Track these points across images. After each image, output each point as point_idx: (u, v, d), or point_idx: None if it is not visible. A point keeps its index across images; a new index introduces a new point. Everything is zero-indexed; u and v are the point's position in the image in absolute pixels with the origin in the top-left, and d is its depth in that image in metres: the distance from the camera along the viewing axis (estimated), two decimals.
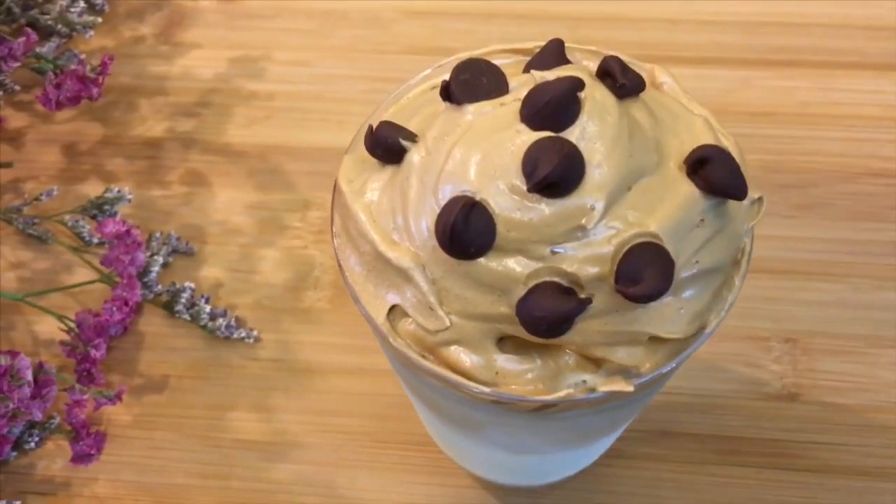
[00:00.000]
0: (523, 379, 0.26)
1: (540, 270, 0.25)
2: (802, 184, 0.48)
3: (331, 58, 0.53)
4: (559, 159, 0.24)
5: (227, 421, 0.43)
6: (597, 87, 0.26)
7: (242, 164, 0.50)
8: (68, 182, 0.50)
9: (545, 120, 0.25)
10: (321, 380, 0.44)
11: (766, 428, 0.42)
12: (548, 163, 0.24)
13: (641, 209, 0.25)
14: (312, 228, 0.48)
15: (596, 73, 0.27)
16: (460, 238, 0.25)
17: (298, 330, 0.45)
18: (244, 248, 0.47)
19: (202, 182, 0.50)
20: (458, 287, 0.26)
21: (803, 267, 0.46)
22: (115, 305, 0.41)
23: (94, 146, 0.51)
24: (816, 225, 0.47)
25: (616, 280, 0.25)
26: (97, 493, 0.42)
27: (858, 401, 0.42)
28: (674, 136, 0.27)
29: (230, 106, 0.52)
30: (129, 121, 0.52)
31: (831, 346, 0.44)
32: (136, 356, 0.45)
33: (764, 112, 0.50)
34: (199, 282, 0.46)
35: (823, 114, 0.50)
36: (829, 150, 0.49)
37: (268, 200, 0.49)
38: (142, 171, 0.50)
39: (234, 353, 0.44)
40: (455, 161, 0.25)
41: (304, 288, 0.46)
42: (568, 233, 0.25)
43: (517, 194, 0.25)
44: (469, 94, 0.26)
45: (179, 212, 0.49)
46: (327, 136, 0.51)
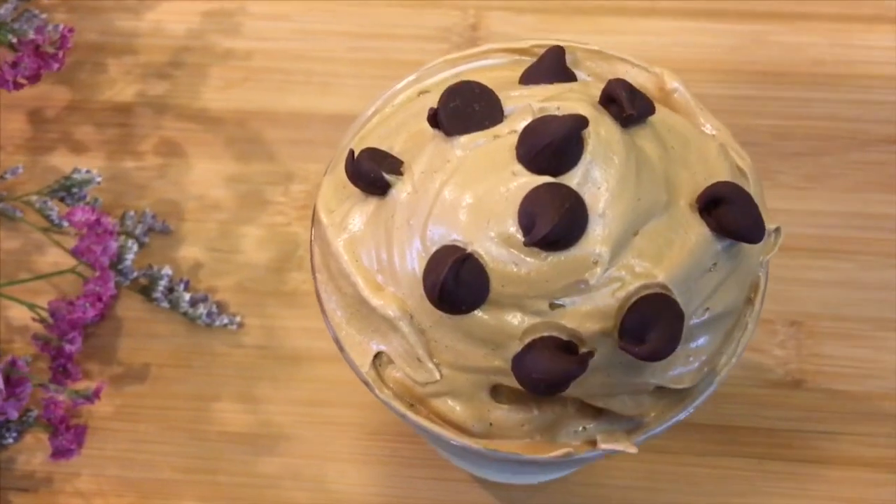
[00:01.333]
0: (519, 430, 0.25)
1: (537, 325, 0.23)
2: (814, 151, 0.45)
3: (312, 10, 0.50)
4: (560, 216, 0.21)
5: (212, 412, 0.41)
6: (601, 122, 0.23)
7: (220, 131, 0.47)
8: (35, 153, 0.47)
9: (544, 163, 0.22)
10: (309, 368, 0.42)
11: (767, 417, 0.40)
12: (547, 219, 0.21)
13: (649, 257, 0.23)
14: (296, 203, 0.45)
15: (600, 99, 0.24)
16: (451, 296, 0.22)
17: (283, 314, 0.43)
18: (224, 225, 0.45)
19: (177, 152, 0.47)
20: (449, 339, 0.24)
21: (811, 243, 0.44)
22: (89, 301, 0.39)
23: (61, 112, 0.48)
24: (827, 197, 0.44)
25: (620, 336, 0.23)
26: (80, 488, 0.41)
27: (864, 388, 0.41)
28: (685, 167, 0.24)
29: (205, 66, 0.48)
30: (96, 83, 0.48)
31: (838, 330, 0.42)
32: (114, 343, 0.43)
33: (775, 72, 0.47)
34: (177, 263, 0.44)
35: (838, 74, 0.47)
36: (843, 115, 0.46)
37: (248, 172, 0.46)
38: (113, 140, 0.47)
39: (216, 340, 0.43)
40: (444, 203, 0.23)
41: (288, 269, 0.44)
42: (568, 287, 0.22)
43: (513, 246, 0.22)
44: (460, 124, 0.24)
45: (154, 185, 0.46)
46: (310, 100, 0.47)
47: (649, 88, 0.28)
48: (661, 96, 0.27)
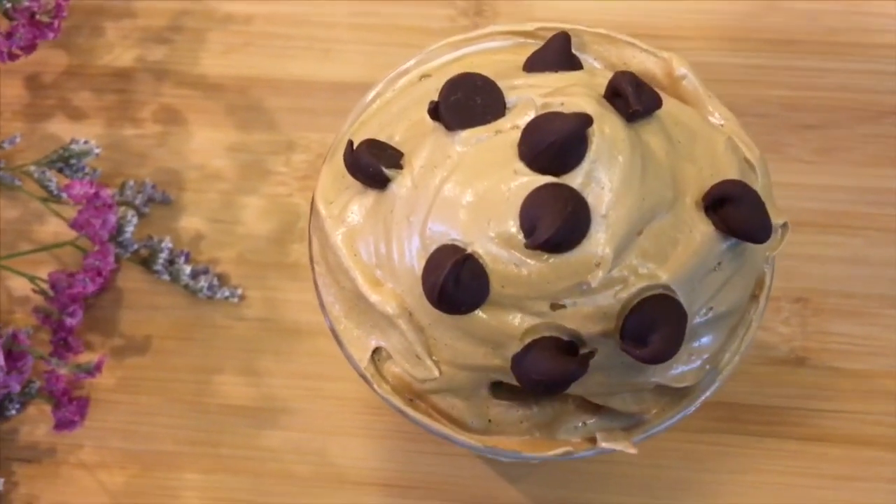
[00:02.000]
0: (518, 427, 0.25)
1: (538, 326, 0.23)
2: (825, 124, 0.44)
3: None
4: (562, 220, 0.21)
5: (214, 385, 0.41)
6: (606, 119, 0.22)
7: (220, 98, 0.46)
8: (33, 119, 0.46)
9: (547, 163, 0.22)
10: (311, 341, 0.42)
11: (769, 395, 0.40)
12: (550, 222, 0.21)
13: (652, 256, 0.22)
14: (297, 174, 0.45)
15: (605, 93, 0.23)
16: (451, 297, 0.22)
17: (285, 287, 0.43)
18: (225, 195, 0.44)
19: (177, 120, 0.46)
20: (448, 337, 0.23)
21: (820, 218, 0.43)
22: (89, 276, 0.38)
23: (59, 78, 0.47)
24: (836, 171, 0.44)
25: (622, 337, 0.22)
26: (83, 460, 0.41)
27: (868, 366, 0.41)
28: (691, 162, 0.24)
29: (204, 31, 0.47)
30: (94, 48, 0.47)
31: (844, 307, 0.41)
32: (115, 315, 0.43)
33: (788, 40, 0.46)
34: (177, 233, 0.44)
35: (852, 42, 0.46)
36: (855, 86, 0.45)
37: (249, 141, 0.45)
38: (111, 106, 0.46)
39: (218, 313, 0.42)
40: (444, 200, 0.23)
41: (289, 241, 0.44)
42: (570, 289, 0.22)
43: (513, 247, 0.22)
44: (461, 119, 0.23)
45: (154, 154, 0.45)
46: (312, 67, 0.46)
47: (657, 74, 0.27)
48: (669, 82, 0.27)
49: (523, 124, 0.22)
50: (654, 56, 0.27)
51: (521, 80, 0.24)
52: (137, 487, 0.41)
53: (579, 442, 0.24)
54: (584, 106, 0.22)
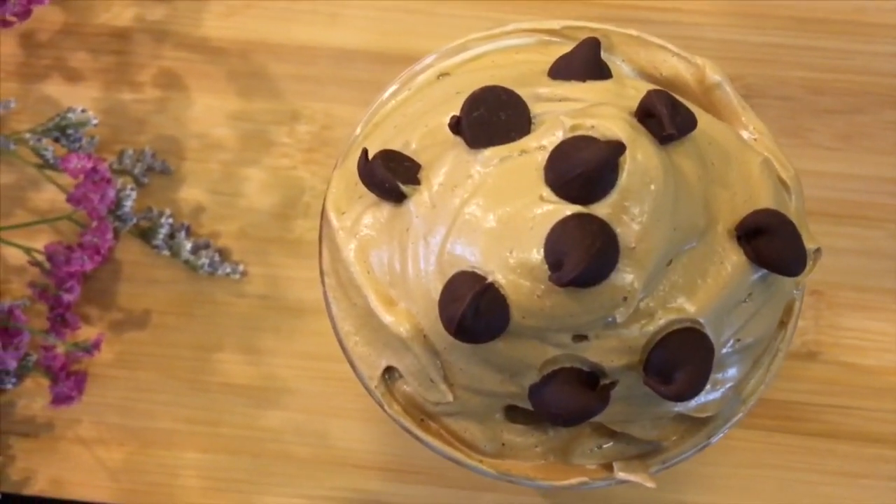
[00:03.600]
0: (532, 451, 0.24)
1: (559, 357, 0.22)
2: (848, 109, 0.43)
3: None
4: (590, 257, 0.20)
5: (213, 363, 0.41)
6: (639, 145, 0.21)
7: (222, 63, 0.44)
8: (28, 80, 0.44)
9: (575, 191, 0.20)
10: (313, 320, 0.41)
11: (779, 388, 0.40)
12: (577, 259, 0.20)
13: (681, 288, 0.21)
14: (301, 146, 0.43)
15: (637, 112, 0.22)
16: (469, 328, 0.21)
17: (287, 264, 0.42)
18: (226, 166, 0.43)
19: (177, 84, 0.44)
20: (464, 363, 0.22)
21: (838, 209, 0.42)
22: (87, 254, 0.37)
23: (55, 36, 0.45)
24: (859, 160, 0.42)
25: (646, 371, 0.22)
26: (81, 435, 0.40)
27: (879, 362, 0.40)
28: (725, 187, 0.22)
29: None
30: (91, 6, 0.45)
31: (859, 301, 0.41)
32: (114, 288, 0.42)
33: (814, 18, 0.44)
34: (177, 205, 0.42)
35: (881, 23, 0.44)
36: (882, 69, 0.43)
37: (251, 110, 0.44)
38: (109, 68, 0.44)
39: (218, 288, 0.41)
40: (465, 224, 0.21)
41: (293, 216, 0.42)
42: (594, 322, 0.21)
43: (536, 279, 0.21)
44: (484, 136, 0.22)
45: (153, 120, 0.44)
46: (317, 33, 0.45)
47: (689, 80, 0.25)
48: (701, 90, 0.25)
49: (550, 145, 0.21)
50: (687, 62, 0.25)
51: (546, 89, 0.23)
52: (135, 464, 0.40)
53: (595, 470, 0.24)
54: (616, 130, 0.21)
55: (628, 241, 0.20)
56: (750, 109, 0.25)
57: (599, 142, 0.20)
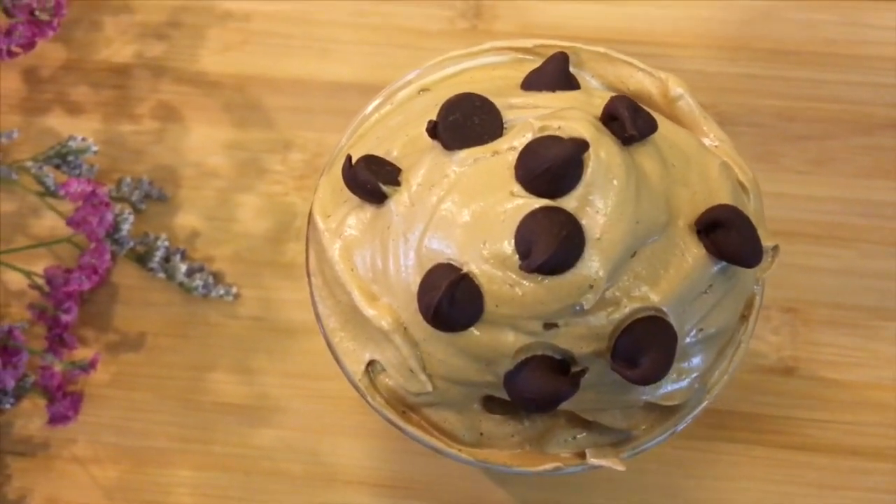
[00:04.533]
0: (509, 440, 0.25)
1: (531, 345, 0.23)
2: (820, 135, 0.45)
3: None
4: (557, 244, 0.21)
5: (207, 382, 0.42)
6: (602, 143, 0.22)
7: (218, 96, 0.46)
8: (30, 113, 0.46)
9: (543, 186, 0.22)
10: (304, 340, 0.42)
11: (758, 402, 0.41)
12: (545, 246, 0.21)
13: (645, 279, 0.23)
14: (294, 173, 0.45)
15: (602, 117, 0.23)
16: (445, 316, 0.22)
17: (280, 286, 0.43)
18: (221, 192, 0.45)
19: (175, 116, 0.46)
20: (442, 353, 0.24)
21: (811, 229, 0.43)
22: (85, 274, 0.39)
23: (57, 72, 0.47)
24: (830, 183, 0.44)
25: (613, 358, 0.23)
26: (77, 454, 0.41)
27: (856, 377, 0.41)
28: (685, 186, 0.24)
29: (203, 27, 0.47)
30: (92, 42, 0.47)
31: (833, 317, 0.42)
32: (110, 310, 0.43)
33: (785, 50, 0.46)
34: (173, 231, 0.44)
35: (849, 54, 0.46)
36: (851, 97, 0.45)
37: (246, 139, 0.45)
38: (109, 101, 0.46)
39: (212, 310, 0.43)
40: (441, 220, 0.23)
41: (285, 240, 0.44)
42: (563, 310, 0.22)
43: (508, 268, 0.22)
44: (459, 139, 0.23)
45: (151, 151, 0.45)
46: (310, 66, 0.47)
47: (653, 93, 0.27)
48: (665, 102, 0.27)
49: (520, 146, 0.23)
50: (651, 76, 0.27)
51: (519, 100, 0.25)
52: (130, 483, 0.41)
53: (569, 457, 0.25)
54: (581, 130, 0.22)
55: (593, 232, 0.22)
56: (711, 119, 0.27)
57: (565, 140, 0.22)
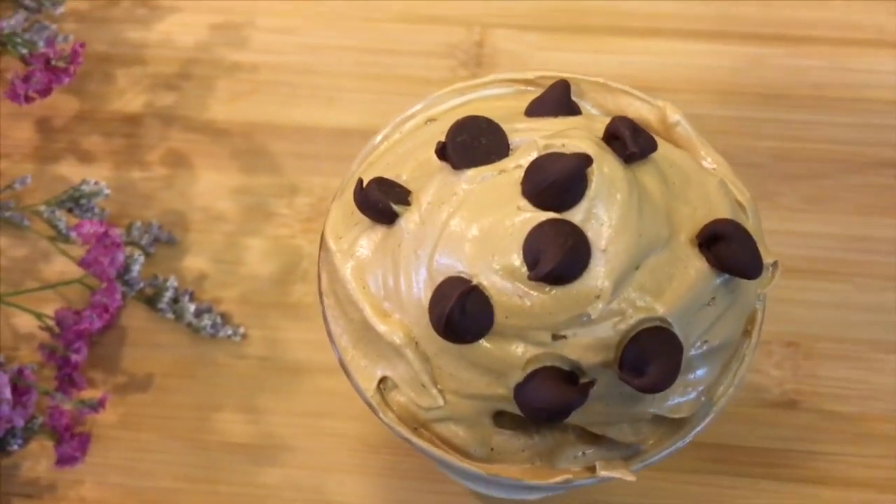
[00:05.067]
0: (520, 455, 0.25)
1: (540, 356, 0.23)
2: (813, 174, 0.46)
3: (319, 26, 0.50)
4: (563, 253, 0.22)
5: (214, 422, 0.42)
6: (605, 159, 0.23)
7: (226, 143, 0.47)
8: (43, 162, 0.47)
9: (549, 200, 0.23)
10: (310, 379, 0.43)
11: (763, 436, 0.41)
12: (552, 255, 0.22)
13: (649, 290, 0.23)
14: (300, 216, 0.46)
15: (604, 136, 0.24)
16: (456, 327, 0.23)
17: (286, 326, 0.44)
18: (229, 236, 0.45)
19: (184, 163, 0.47)
20: (453, 367, 0.24)
21: (810, 265, 0.44)
22: (96, 313, 0.39)
23: (70, 122, 0.48)
24: (825, 219, 0.45)
25: (620, 367, 0.23)
26: (83, 495, 0.41)
27: (860, 409, 0.41)
28: (685, 203, 0.25)
29: (212, 78, 0.49)
30: (105, 93, 0.49)
31: (834, 351, 0.42)
32: (118, 353, 0.43)
33: (776, 94, 0.48)
34: (182, 273, 0.44)
35: (838, 97, 0.47)
36: (843, 138, 0.47)
37: (253, 184, 0.47)
38: (120, 150, 0.47)
39: (220, 351, 0.43)
40: (451, 235, 0.24)
41: (291, 281, 0.44)
42: (571, 320, 0.23)
43: (517, 280, 0.23)
44: (467, 158, 0.24)
45: (160, 196, 0.46)
46: (316, 114, 0.48)
47: (652, 121, 0.28)
48: (664, 129, 0.28)
49: (526, 164, 0.23)
50: (650, 104, 0.28)
51: (523, 125, 0.26)
52: None
53: (579, 471, 0.25)
54: (584, 147, 0.23)
55: (599, 244, 0.23)
56: (708, 144, 0.28)
57: (569, 155, 0.23)
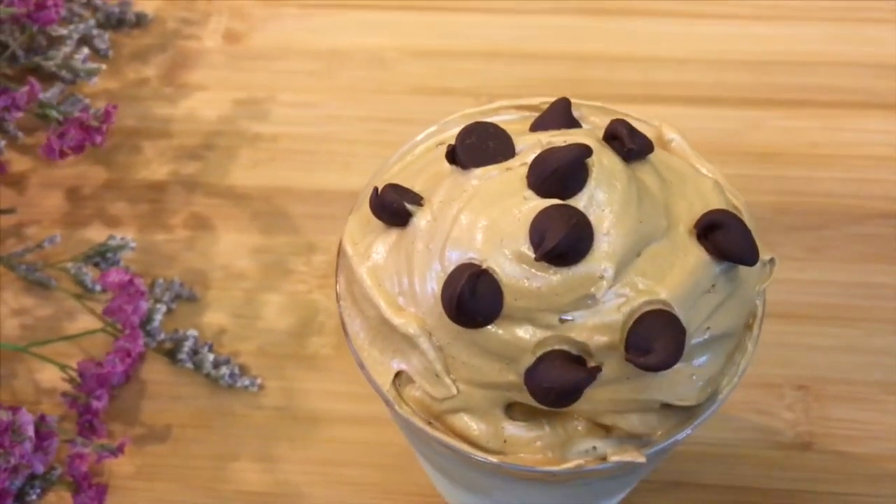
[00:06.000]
0: (532, 447, 0.26)
1: (548, 339, 0.24)
2: (814, 226, 0.47)
3: (336, 99, 0.53)
4: (567, 230, 0.23)
5: (230, 471, 0.42)
6: (604, 153, 0.25)
7: (246, 206, 0.50)
8: (71, 227, 0.49)
9: (552, 187, 0.24)
10: (326, 428, 0.43)
11: (778, 478, 0.41)
12: (556, 233, 0.23)
13: (651, 276, 0.25)
14: (317, 273, 0.47)
15: (603, 137, 0.26)
16: (467, 308, 0.24)
17: (303, 377, 0.44)
18: (248, 293, 0.47)
19: (206, 225, 0.49)
20: (466, 355, 0.25)
21: (816, 311, 0.45)
22: (118, 356, 0.40)
23: (98, 190, 0.51)
24: (829, 268, 0.46)
25: (626, 349, 0.24)
26: None
27: (873, 449, 0.41)
28: (682, 198, 0.26)
29: (235, 148, 0.52)
30: (132, 164, 0.51)
31: (845, 393, 0.43)
32: (138, 405, 0.44)
33: (773, 153, 0.50)
34: (202, 328, 0.46)
35: (833, 154, 0.50)
36: (839, 191, 0.48)
37: (272, 244, 0.48)
38: (145, 214, 0.50)
39: (237, 402, 0.44)
40: (461, 227, 0.25)
41: (308, 334, 0.46)
42: (577, 301, 0.24)
43: (524, 262, 0.24)
44: (475, 159, 0.26)
45: (183, 256, 0.48)
46: (333, 178, 0.50)
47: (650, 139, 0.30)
48: (661, 145, 0.30)
49: (531, 160, 0.25)
50: (647, 124, 0.30)
51: (528, 136, 0.27)
52: None
53: (591, 460, 0.25)
54: (585, 141, 0.25)
55: (601, 228, 0.24)
56: (703, 157, 0.29)
57: (571, 145, 0.24)
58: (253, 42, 0.56)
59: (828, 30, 0.54)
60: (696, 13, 0.55)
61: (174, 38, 0.56)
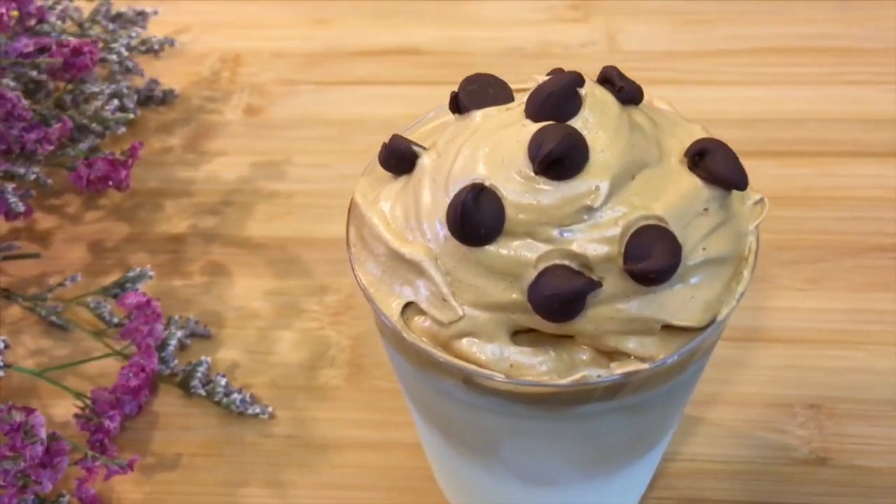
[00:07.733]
0: (537, 371, 0.26)
1: (550, 253, 0.26)
2: (812, 259, 0.49)
3: (350, 160, 0.56)
4: (562, 137, 0.25)
5: (239, 498, 0.42)
6: (596, 87, 0.27)
7: (262, 254, 0.51)
8: (93, 276, 0.51)
9: (548, 112, 0.26)
10: (336, 455, 0.43)
11: (794, 493, 0.40)
12: (551, 141, 0.25)
13: (646, 195, 0.26)
14: (329, 311, 0.48)
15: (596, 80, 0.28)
16: (471, 221, 0.25)
17: (313, 407, 0.45)
18: (261, 330, 0.48)
19: (222, 272, 0.51)
20: (471, 276, 0.26)
21: (821, 336, 0.46)
22: (132, 371, 0.41)
23: (119, 243, 0.53)
24: (828, 296, 0.47)
25: (624, 260, 0.25)
26: None
27: (889, 463, 0.41)
28: (672, 136, 0.28)
29: (252, 203, 0.54)
30: (154, 219, 0.54)
31: (856, 411, 0.43)
32: (149, 435, 0.44)
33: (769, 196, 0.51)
34: (215, 363, 0.46)
35: (826, 196, 0.51)
36: (834, 229, 0.50)
37: (286, 287, 0.50)
38: (164, 263, 0.51)
39: (248, 430, 0.44)
40: (464, 157, 0.27)
41: (319, 367, 0.46)
42: (575, 214, 0.25)
43: (525, 178, 0.26)
44: (477, 103, 0.28)
45: (199, 299, 0.49)
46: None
47: None
48: None
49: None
50: None
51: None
52: None
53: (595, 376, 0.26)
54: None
55: (596, 147, 0.26)
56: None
57: (564, 73, 0.26)
58: (271, 114, 0.59)
59: (815, 92, 0.57)
60: (695, 80, 0.59)
61: (198, 112, 0.59)
